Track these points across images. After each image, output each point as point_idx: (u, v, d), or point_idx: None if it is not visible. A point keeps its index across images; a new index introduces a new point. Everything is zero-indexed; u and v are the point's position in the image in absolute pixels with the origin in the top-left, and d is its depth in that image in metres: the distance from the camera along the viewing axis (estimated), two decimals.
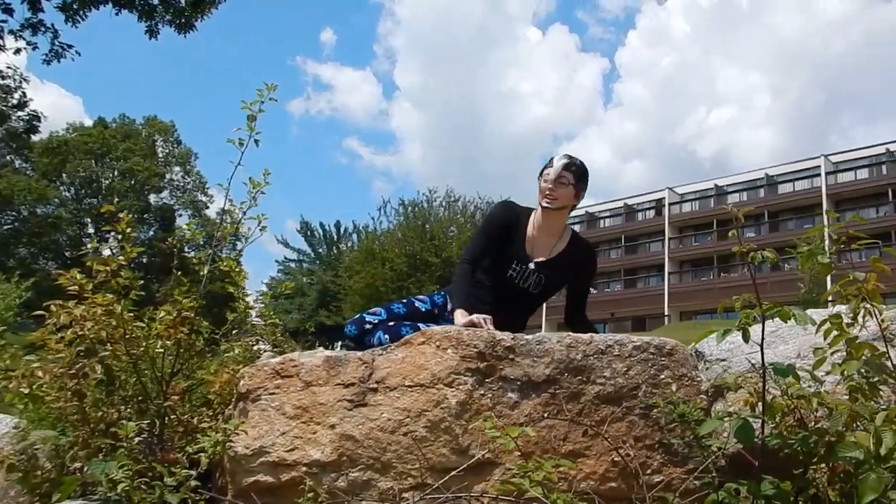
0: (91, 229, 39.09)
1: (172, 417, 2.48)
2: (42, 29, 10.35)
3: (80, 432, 2.36)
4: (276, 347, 3.23)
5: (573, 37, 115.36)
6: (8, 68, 20.45)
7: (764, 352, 1.93)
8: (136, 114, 50.48)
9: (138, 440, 2.28)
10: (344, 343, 3.24)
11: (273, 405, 2.33)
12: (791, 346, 2.63)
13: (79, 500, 2.20)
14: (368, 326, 2.74)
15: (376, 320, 2.75)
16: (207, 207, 41.49)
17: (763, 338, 1.92)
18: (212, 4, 10.48)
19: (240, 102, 2.62)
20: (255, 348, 3.21)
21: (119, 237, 2.58)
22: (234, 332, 3.11)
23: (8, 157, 39.11)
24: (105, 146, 39.03)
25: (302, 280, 36.57)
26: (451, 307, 2.79)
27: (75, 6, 9.97)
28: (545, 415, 2.24)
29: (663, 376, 2.35)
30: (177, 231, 34.17)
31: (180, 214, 41.48)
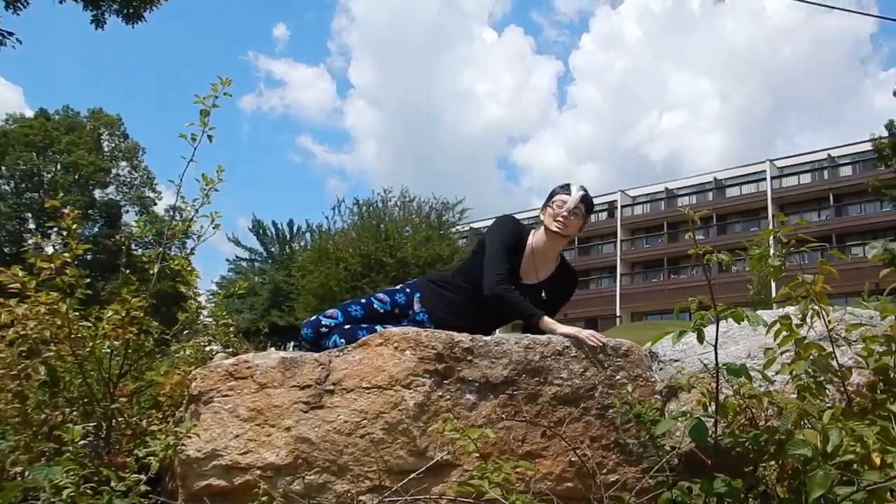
0: (32, 224, 37.86)
1: (120, 420, 2.42)
2: None
3: (22, 436, 2.29)
4: (229, 348, 3.17)
5: (528, 39, 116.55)
6: None
7: (717, 352, 1.96)
8: (81, 106, 49.17)
9: (84, 444, 2.21)
10: (296, 343, 3.18)
11: (226, 407, 2.28)
12: (742, 347, 2.68)
13: None
14: (324, 330, 2.70)
15: (332, 323, 2.71)
16: (156, 204, 40.55)
17: (717, 338, 1.95)
18: None
19: (191, 97, 2.57)
20: (208, 349, 3.14)
21: (63, 233, 2.50)
22: (186, 333, 3.05)
23: None
24: (47, 139, 37.77)
25: (254, 279, 36.01)
26: (532, 316, 2.61)
27: None
28: (503, 416, 2.25)
29: (619, 377, 2.38)
30: (125, 228, 33.44)
31: (127, 211, 40.43)
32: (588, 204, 2.85)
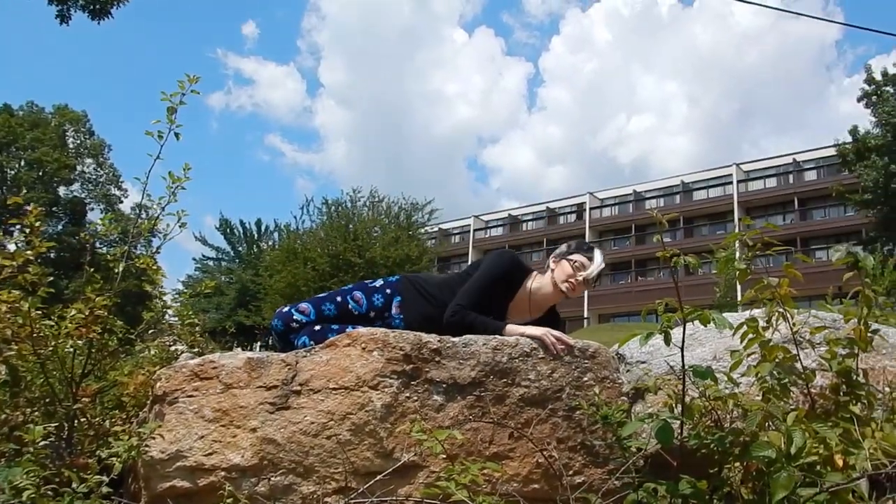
0: None
1: (82, 420, 2.37)
2: None
3: None
4: (195, 348, 3.13)
5: (499, 40, 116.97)
6: None
7: (684, 354, 1.99)
8: (45, 102, 48.22)
9: (45, 444, 2.16)
10: (263, 344, 3.15)
11: (191, 408, 2.25)
12: (707, 349, 2.72)
13: None
14: (295, 325, 2.67)
15: (304, 319, 2.67)
16: (121, 202, 39.87)
17: (684, 341, 1.97)
18: None
19: (157, 94, 2.54)
20: (173, 349, 3.10)
21: (26, 230, 2.45)
22: (151, 332, 3.00)
23: None
24: (11, 134, 36.95)
25: (221, 279, 35.61)
26: (498, 330, 2.49)
27: None
28: (471, 417, 2.24)
29: (586, 378, 2.39)
30: (90, 226, 32.81)
31: (92, 208, 39.69)
32: (601, 273, 2.79)
